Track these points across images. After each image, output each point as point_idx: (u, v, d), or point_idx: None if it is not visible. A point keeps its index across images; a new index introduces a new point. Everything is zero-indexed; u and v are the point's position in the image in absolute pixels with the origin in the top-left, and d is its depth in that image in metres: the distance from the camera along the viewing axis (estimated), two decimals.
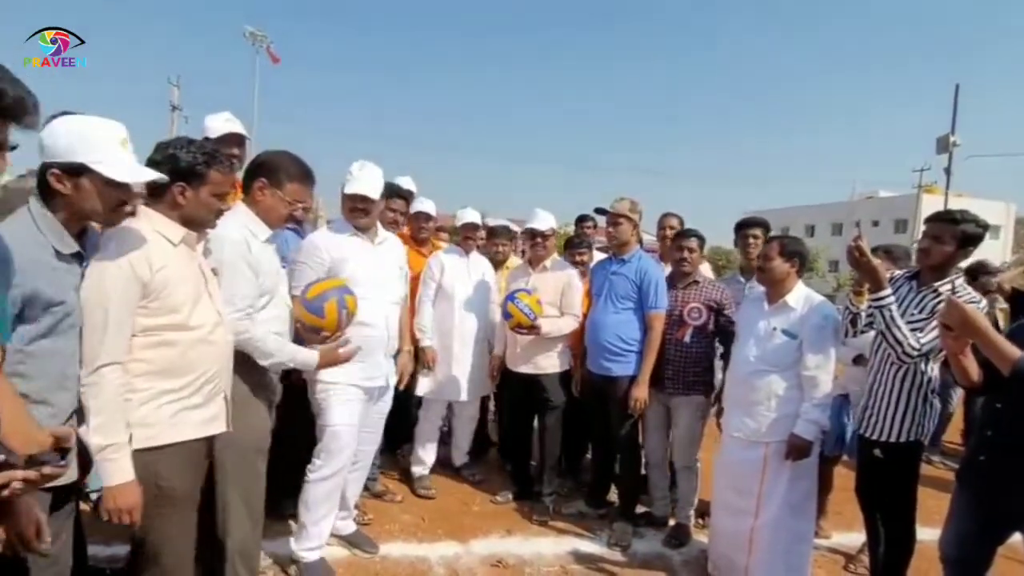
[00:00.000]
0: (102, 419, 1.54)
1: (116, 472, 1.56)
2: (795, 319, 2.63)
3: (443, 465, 3.92)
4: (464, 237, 3.82)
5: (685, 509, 3.29)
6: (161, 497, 1.71)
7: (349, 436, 2.63)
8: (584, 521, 3.42)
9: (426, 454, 3.73)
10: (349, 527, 2.97)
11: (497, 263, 4.02)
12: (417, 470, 3.72)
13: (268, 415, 2.26)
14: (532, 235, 3.53)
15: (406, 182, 3.86)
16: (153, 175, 1.59)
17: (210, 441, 1.87)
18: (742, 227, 3.71)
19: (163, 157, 1.71)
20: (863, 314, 2.52)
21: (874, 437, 2.47)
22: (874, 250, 2.99)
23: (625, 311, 3.17)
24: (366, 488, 3.46)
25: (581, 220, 4.56)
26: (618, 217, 3.21)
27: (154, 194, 1.73)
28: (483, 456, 4.32)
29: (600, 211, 3.34)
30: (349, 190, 2.67)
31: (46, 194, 1.45)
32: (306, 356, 2.22)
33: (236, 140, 2.96)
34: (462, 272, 3.64)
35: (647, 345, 3.12)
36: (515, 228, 4.18)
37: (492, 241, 4.05)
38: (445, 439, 4.12)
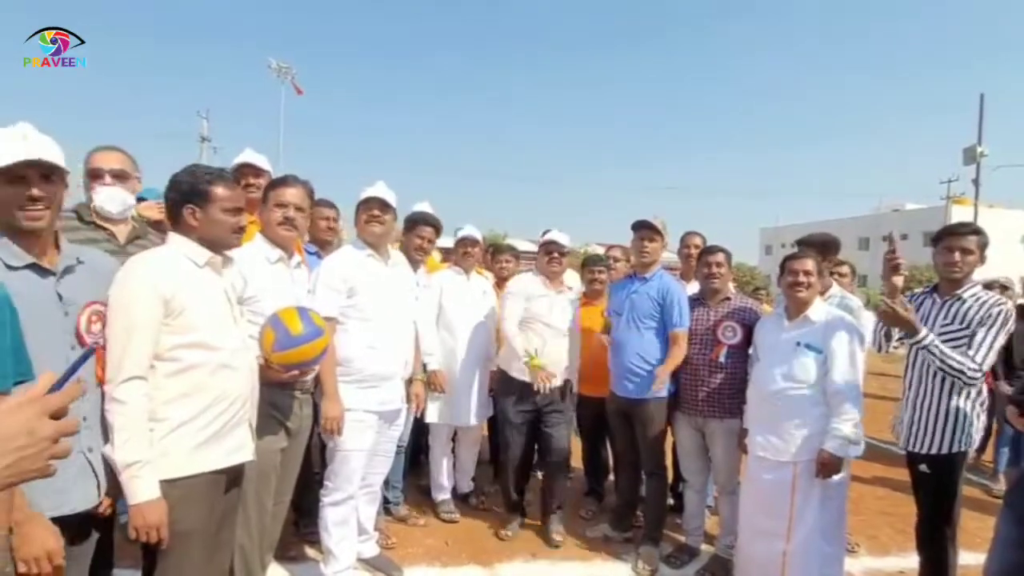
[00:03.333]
0: (127, 435, 1.53)
1: (143, 489, 1.55)
2: (818, 334, 2.59)
3: (453, 492, 3.82)
4: (463, 253, 3.67)
5: (726, 539, 3.08)
6: (172, 533, 1.63)
7: (360, 461, 2.65)
8: (609, 545, 3.36)
9: (444, 479, 3.72)
10: (372, 550, 2.96)
11: (502, 280, 4.06)
12: (438, 495, 3.70)
13: (282, 437, 2.25)
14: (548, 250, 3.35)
15: (424, 207, 3.90)
16: (51, 151, 1.42)
17: (233, 472, 1.84)
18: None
19: (169, 185, 1.76)
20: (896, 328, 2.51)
21: (922, 451, 2.46)
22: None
23: (647, 331, 3.12)
24: (389, 512, 3.48)
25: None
26: (655, 234, 3.18)
27: (175, 222, 1.77)
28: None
29: (640, 224, 3.22)
30: (365, 195, 2.68)
31: None
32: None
33: (252, 171, 2.91)
34: (463, 292, 3.61)
35: (669, 356, 3.03)
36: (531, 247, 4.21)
37: (496, 258, 4.13)
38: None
